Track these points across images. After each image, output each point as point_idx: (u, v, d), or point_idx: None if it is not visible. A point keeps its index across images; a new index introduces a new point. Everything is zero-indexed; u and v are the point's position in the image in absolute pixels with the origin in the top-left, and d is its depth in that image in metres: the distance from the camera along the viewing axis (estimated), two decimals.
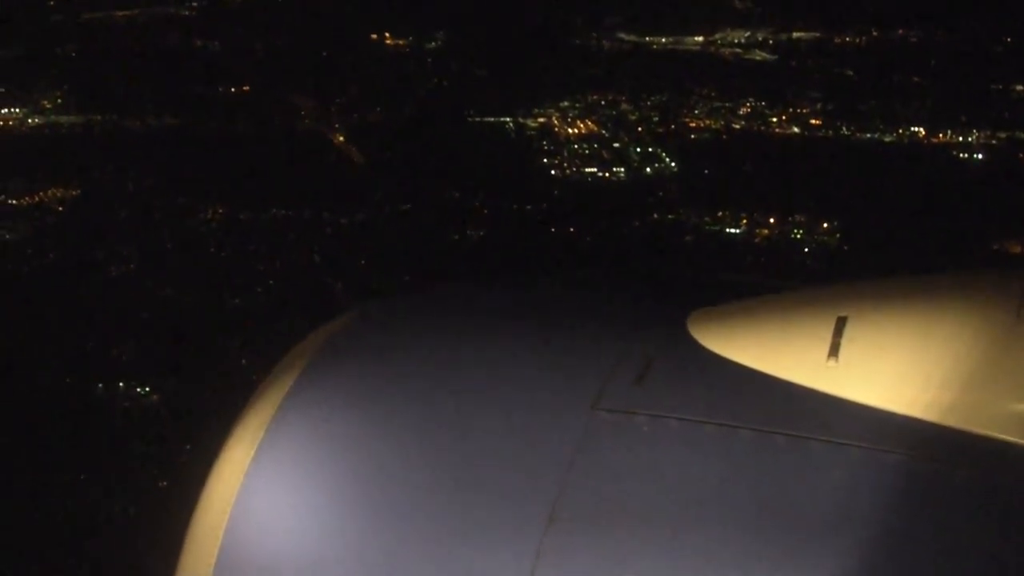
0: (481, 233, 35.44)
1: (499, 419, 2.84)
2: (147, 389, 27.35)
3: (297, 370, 3.05)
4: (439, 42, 60.19)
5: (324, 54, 58.78)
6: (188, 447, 23.75)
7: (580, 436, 2.70)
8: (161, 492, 22.58)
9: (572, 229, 35.83)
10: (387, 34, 61.21)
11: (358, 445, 2.89)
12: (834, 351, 2.70)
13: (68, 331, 30.14)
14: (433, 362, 3.06)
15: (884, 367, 2.66)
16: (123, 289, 32.05)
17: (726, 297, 3.12)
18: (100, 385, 27.17)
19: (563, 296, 3.52)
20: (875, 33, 58.09)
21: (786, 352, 2.78)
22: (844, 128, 47.37)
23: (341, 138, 45.84)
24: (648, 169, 42.72)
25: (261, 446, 2.89)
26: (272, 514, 2.85)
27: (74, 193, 39.22)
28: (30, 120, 47.77)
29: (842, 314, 2.75)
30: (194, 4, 66.92)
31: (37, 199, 38.72)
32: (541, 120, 48.39)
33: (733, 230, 37.23)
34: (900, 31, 57.96)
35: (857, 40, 58.05)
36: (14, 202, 38.50)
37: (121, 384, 27.50)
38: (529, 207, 37.77)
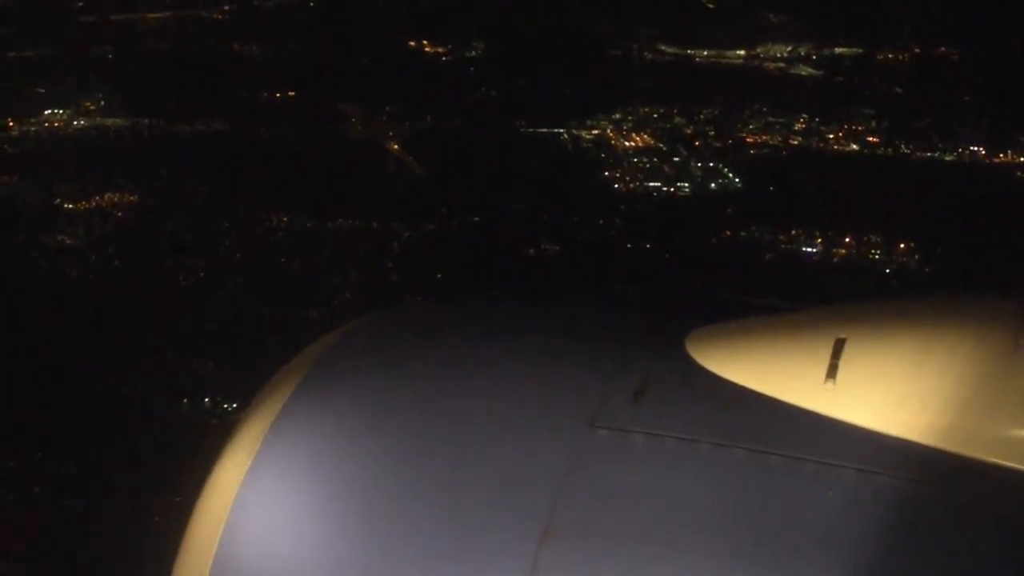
0: (556, 248, 34.53)
1: (496, 433, 2.84)
2: (234, 405, 26.35)
3: (295, 381, 3.05)
4: (478, 51, 59.56)
5: (364, 60, 58.07)
6: None
7: (576, 452, 2.70)
8: None
9: (648, 246, 34.99)
10: (425, 41, 60.59)
11: (355, 457, 2.88)
12: (832, 373, 2.70)
13: (144, 343, 29.10)
14: (431, 375, 3.07)
15: (882, 390, 2.66)
16: (195, 300, 31.00)
17: (725, 316, 3.11)
18: (185, 400, 26.17)
19: (563, 312, 3.51)
20: (917, 50, 57.75)
21: (784, 373, 2.79)
22: (903, 146, 46.79)
23: (396, 146, 44.99)
24: (712, 185, 42.05)
25: (258, 455, 2.89)
26: (268, 524, 2.84)
27: (131, 198, 38.17)
28: (75, 122, 46.73)
29: (841, 336, 2.75)
30: (225, 8, 66.36)
31: (94, 204, 37.66)
32: (595, 132, 47.69)
33: (809, 249, 36.48)
34: (942, 48, 57.67)
35: (900, 57, 57.75)
36: (70, 206, 37.40)
37: (207, 400, 26.53)
38: (601, 222, 36.92)
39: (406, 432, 2.89)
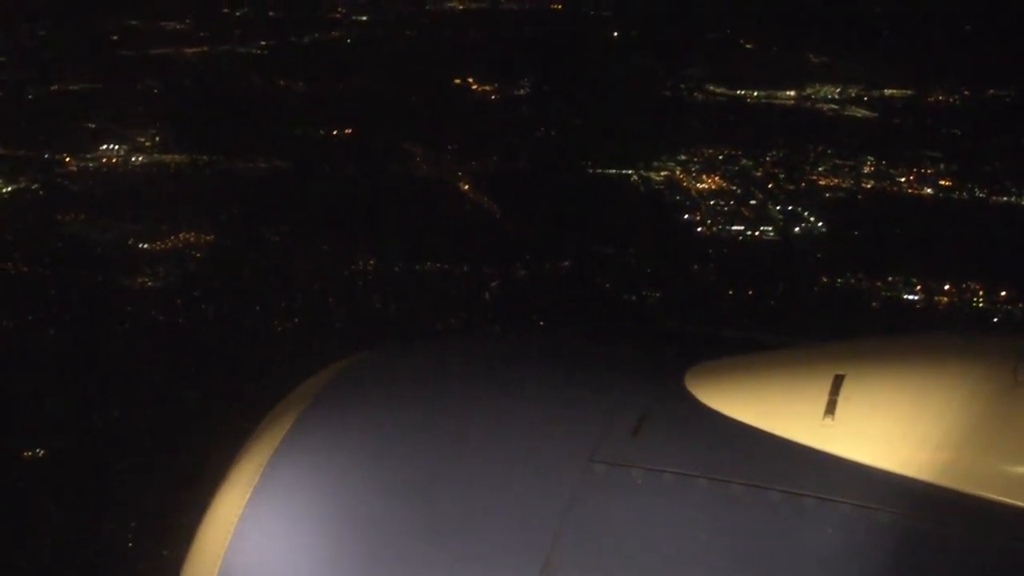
0: (657, 295, 33.37)
1: (495, 469, 2.83)
2: None
3: (293, 415, 3.02)
4: (526, 90, 58.81)
5: (412, 98, 57.24)
6: None
7: (576, 487, 2.71)
8: None
9: (751, 292, 33.88)
10: (470, 79, 59.78)
11: (353, 490, 2.86)
12: (831, 409, 2.70)
13: (242, 391, 27.67)
14: (429, 411, 3.05)
15: (880, 426, 2.65)
16: (291, 347, 29.55)
17: (724, 352, 3.11)
18: None
19: (562, 348, 3.52)
20: (967, 92, 57.44)
21: (783, 409, 2.78)
22: (978, 190, 46.01)
23: (467, 187, 43.91)
24: (796, 229, 41.07)
25: (256, 490, 2.87)
26: (265, 559, 2.81)
27: (207, 239, 36.85)
28: (133, 159, 45.55)
29: (839, 372, 2.75)
30: (263, 43, 65.78)
31: (170, 244, 36.31)
32: (664, 173, 46.85)
33: (910, 296, 35.43)
34: (991, 91, 57.40)
35: (951, 99, 57.46)
36: (146, 246, 36.04)
37: None
38: (696, 267, 35.81)
39: (405, 467, 2.88)
